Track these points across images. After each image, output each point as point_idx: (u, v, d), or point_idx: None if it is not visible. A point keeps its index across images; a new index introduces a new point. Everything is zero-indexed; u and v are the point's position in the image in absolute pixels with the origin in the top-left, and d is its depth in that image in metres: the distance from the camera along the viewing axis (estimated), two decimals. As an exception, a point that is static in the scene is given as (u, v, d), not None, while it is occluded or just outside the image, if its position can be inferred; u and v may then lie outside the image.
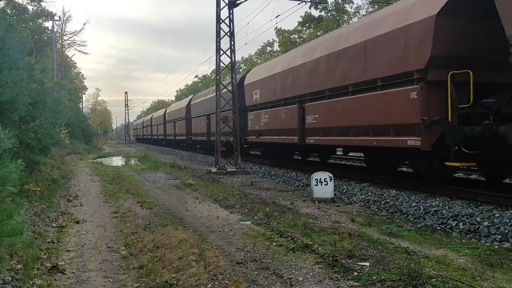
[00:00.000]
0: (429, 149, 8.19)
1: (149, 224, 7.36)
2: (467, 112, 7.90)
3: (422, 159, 9.14)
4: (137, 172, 17.47)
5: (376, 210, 8.84)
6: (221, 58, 17.80)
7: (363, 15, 40.09)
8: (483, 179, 10.74)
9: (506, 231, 6.24)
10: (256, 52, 68.27)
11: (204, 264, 4.93)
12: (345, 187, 10.96)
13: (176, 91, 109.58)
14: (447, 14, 7.75)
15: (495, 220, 6.63)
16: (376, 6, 33.87)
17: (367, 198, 9.60)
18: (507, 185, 9.96)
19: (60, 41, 52.42)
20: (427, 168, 9.15)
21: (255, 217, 7.91)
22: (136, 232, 6.69)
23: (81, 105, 61.82)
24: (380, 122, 9.41)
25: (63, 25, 52.60)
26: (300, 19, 49.33)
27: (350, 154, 16.20)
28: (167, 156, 29.20)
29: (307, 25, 49.76)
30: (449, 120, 7.83)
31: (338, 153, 16.88)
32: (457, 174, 12.07)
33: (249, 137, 18.32)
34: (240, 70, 66.95)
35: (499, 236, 6.23)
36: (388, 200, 9.03)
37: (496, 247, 5.97)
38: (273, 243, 6.10)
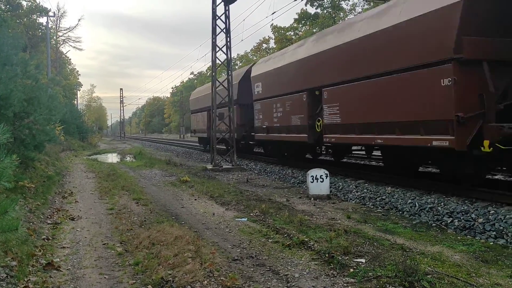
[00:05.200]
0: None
1: (145, 221, 7.34)
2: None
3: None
4: (132, 169, 17.42)
5: (372, 207, 8.86)
6: (217, 54, 17.78)
7: (359, 13, 40.08)
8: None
9: (501, 227, 6.27)
10: (252, 49, 68.15)
11: (200, 260, 4.93)
12: (340, 184, 10.97)
13: (172, 88, 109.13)
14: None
15: (490, 217, 6.66)
16: (372, 3, 33.85)
17: (363, 195, 9.62)
18: (502, 182, 10.01)
19: (54, 37, 52.12)
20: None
21: (251, 214, 7.91)
22: (131, 229, 6.67)
23: (76, 102, 61.53)
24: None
25: (58, 21, 52.37)
26: (296, 16, 49.27)
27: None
28: (162, 153, 29.14)
29: (303, 22, 49.68)
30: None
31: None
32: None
33: None
34: (236, 67, 66.82)
35: (494, 232, 6.27)
36: (383, 197, 9.05)
37: (491, 243, 6.00)
38: (269, 240, 6.10)
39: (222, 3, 17.48)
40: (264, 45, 65.23)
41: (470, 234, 6.51)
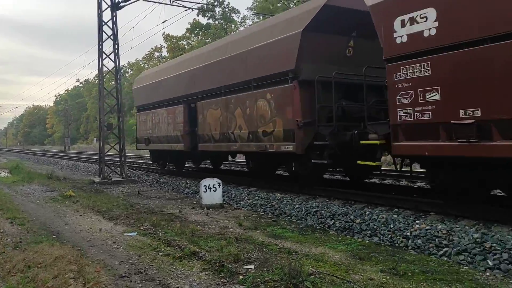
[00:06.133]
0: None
1: (20, 242, 6.67)
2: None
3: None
4: (7, 185, 15.72)
5: (263, 213, 9.15)
6: (105, 62, 16.98)
7: (249, 25, 41.43)
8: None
9: (375, 227, 6.91)
10: (143, 57, 66.41)
11: (83, 281, 4.62)
12: (233, 192, 11.15)
13: (55, 96, 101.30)
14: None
15: (365, 217, 7.30)
16: (261, 17, 35.24)
17: (254, 202, 9.90)
18: (372, 184, 11.05)
19: None
20: None
21: (141, 228, 7.64)
22: (3, 252, 6.00)
23: None
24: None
25: None
26: (189, 26, 49.31)
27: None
28: (44, 167, 26.82)
29: (195, 32, 49.88)
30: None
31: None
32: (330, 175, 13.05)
33: None
34: (127, 75, 64.45)
35: (369, 231, 6.89)
36: (273, 204, 9.41)
37: (367, 242, 6.58)
38: (159, 253, 5.95)
39: (109, 9, 16.78)
40: (157, 54, 64.02)
41: (349, 234, 7.07)
